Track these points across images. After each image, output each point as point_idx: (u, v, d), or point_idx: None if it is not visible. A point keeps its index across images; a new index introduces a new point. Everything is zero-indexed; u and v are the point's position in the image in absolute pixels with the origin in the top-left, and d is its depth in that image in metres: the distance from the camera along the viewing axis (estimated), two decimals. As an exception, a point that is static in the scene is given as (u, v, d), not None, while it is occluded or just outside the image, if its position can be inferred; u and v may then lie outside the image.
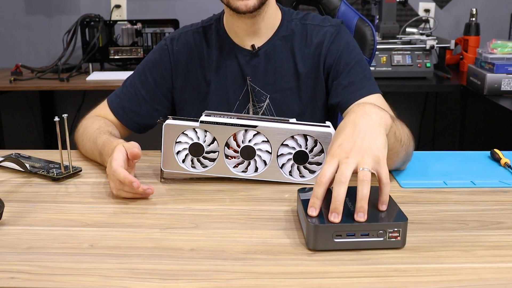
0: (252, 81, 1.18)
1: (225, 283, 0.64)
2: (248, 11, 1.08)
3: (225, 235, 0.76)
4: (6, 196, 0.91)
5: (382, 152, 0.76)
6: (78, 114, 2.75)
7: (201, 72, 1.20)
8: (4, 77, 2.51)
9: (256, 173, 0.95)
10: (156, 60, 1.21)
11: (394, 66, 2.37)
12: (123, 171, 0.86)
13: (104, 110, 1.21)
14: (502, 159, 1.06)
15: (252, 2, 1.08)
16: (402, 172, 1.01)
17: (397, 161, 0.96)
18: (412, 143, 0.98)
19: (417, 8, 2.79)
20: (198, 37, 1.21)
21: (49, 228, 0.79)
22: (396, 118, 0.92)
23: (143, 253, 0.71)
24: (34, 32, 2.87)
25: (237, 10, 1.09)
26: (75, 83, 2.43)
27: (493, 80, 2.04)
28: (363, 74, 1.15)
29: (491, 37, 2.30)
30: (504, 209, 0.85)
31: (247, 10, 1.08)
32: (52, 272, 0.66)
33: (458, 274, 0.65)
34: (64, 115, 0.95)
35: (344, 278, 0.64)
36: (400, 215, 0.73)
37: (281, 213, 0.83)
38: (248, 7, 1.08)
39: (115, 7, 2.81)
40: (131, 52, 2.63)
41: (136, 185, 0.86)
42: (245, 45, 1.18)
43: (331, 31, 1.17)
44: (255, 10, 1.09)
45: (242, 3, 1.07)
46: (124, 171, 0.87)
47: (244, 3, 1.07)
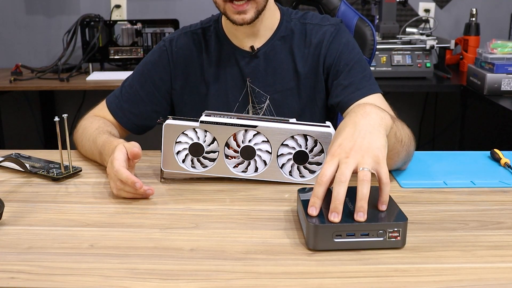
0: (252, 83, 1.18)
1: (225, 283, 0.64)
2: (245, 23, 1.08)
3: (225, 235, 0.76)
4: (6, 196, 0.91)
5: (382, 152, 0.76)
6: (78, 114, 2.75)
7: (200, 73, 1.20)
8: (4, 77, 2.51)
9: (256, 173, 0.95)
10: (155, 61, 1.21)
11: (394, 66, 2.37)
12: (125, 171, 0.86)
13: (103, 111, 1.21)
14: (502, 159, 1.06)
15: (249, 15, 1.07)
16: (402, 172, 1.01)
17: (398, 161, 0.96)
18: (413, 143, 0.98)
19: (417, 8, 2.79)
20: (197, 38, 1.20)
21: (49, 228, 0.79)
22: (397, 118, 0.91)
23: (143, 253, 0.71)
24: (34, 32, 2.88)
25: (234, 22, 1.09)
26: (75, 83, 2.43)
27: (493, 80, 2.04)
28: (363, 74, 1.14)
29: (491, 37, 2.30)
30: (504, 209, 0.85)
31: (244, 23, 1.08)
32: (52, 272, 0.66)
33: (458, 274, 0.65)
34: (64, 115, 0.95)
35: (344, 278, 0.64)
36: (400, 215, 0.73)
37: (281, 213, 0.83)
38: (245, 20, 1.08)
39: (115, 7, 2.81)
40: (131, 52, 2.63)
41: (138, 186, 0.86)
42: (244, 46, 1.18)
43: (330, 31, 1.17)
44: (252, 22, 1.09)
45: (239, 17, 1.07)
46: (126, 171, 0.87)
47: (241, 17, 1.07)
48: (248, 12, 1.07)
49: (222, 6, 1.08)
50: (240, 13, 1.07)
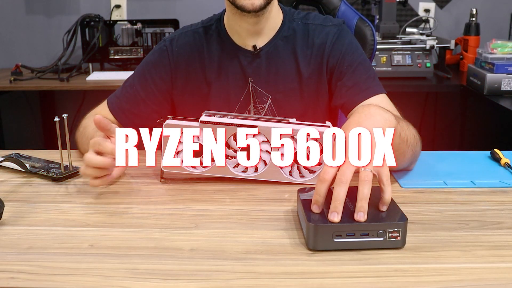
0: (254, 82, 1.18)
1: (225, 283, 0.64)
2: (254, 10, 1.07)
3: (225, 235, 0.76)
4: (6, 196, 0.91)
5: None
6: (78, 114, 2.74)
7: (202, 73, 1.19)
8: (4, 77, 2.51)
9: (256, 173, 0.95)
10: (156, 61, 1.20)
11: (394, 66, 2.37)
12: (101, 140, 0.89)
13: (104, 111, 1.21)
14: (502, 159, 1.06)
15: (259, 1, 1.07)
16: (402, 172, 1.01)
17: (403, 162, 0.96)
18: (419, 143, 0.98)
19: (417, 8, 2.79)
20: (198, 37, 1.20)
21: (49, 228, 0.79)
22: (402, 118, 0.91)
23: (143, 253, 0.71)
24: (34, 32, 2.88)
25: (243, 8, 1.07)
26: (75, 83, 2.43)
27: (493, 80, 2.04)
28: (367, 75, 1.14)
29: (491, 37, 2.30)
30: (504, 209, 0.85)
31: (253, 9, 1.07)
32: (52, 272, 0.66)
33: (458, 274, 0.65)
34: (64, 115, 0.95)
35: (344, 278, 0.64)
36: (400, 215, 0.73)
37: (281, 213, 0.83)
38: (255, 6, 1.07)
39: (115, 7, 2.81)
40: (131, 52, 2.63)
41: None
42: (246, 45, 1.17)
43: (333, 31, 1.17)
44: (260, 10, 1.09)
45: (249, 2, 1.06)
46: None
47: (251, 2, 1.06)
48: None
49: None
50: None
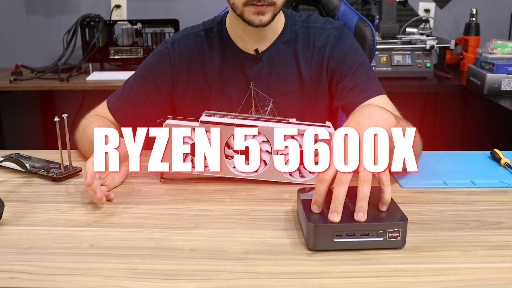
0: (255, 86, 1.17)
1: (225, 283, 0.64)
2: (262, 25, 1.08)
3: (225, 235, 0.76)
4: (6, 196, 0.91)
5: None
6: (78, 114, 2.73)
7: (203, 75, 1.19)
8: (4, 77, 2.51)
9: (256, 173, 0.95)
10: (157, 63, 1.20)
11: (394, 66, 2.37)
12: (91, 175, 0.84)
13: (104, 111, 1.21)
14: (502, 159, 1.06)
15: (267, 17, 1.07)
16: (402, 172, 1.01)
17: None
18: (420, 143, 0.98)
19: (417, 8, 2.79)
20: (200, 40, 1.20)
21: (49, 228, 0.79)
22: (402, 119, 0.91)
23: (143, 253, 0.71)
24: (34, 32, 2.88)
25: (251, 23, 1.08)
26: (75, 83, 2.43)
27: (493, 80, 2.04)
28: (367, 76, 1.14)
29: (491, 37, 2.30)
30: (504, 209, 0.85)
31: (261, 25, 1.08)
32: (52, 272, 0.66)
33: (458, 274, 0.65)
34: (64, 115, 0.95)
35: (344, 278, 0.64)
36: (400, 215, 0.73)
37: (281, 213, 0.83)
38: (263, 22, 1.07)
39: (115, 7, 2.81)
40: (131, 52, 2.63)
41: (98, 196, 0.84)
42: (248, 49, 1.17)
43: (333, 34, 1.17)
44: (267, 25, 1.09)
45: (257, 18, 1.07)
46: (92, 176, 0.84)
47: (259, 18, 1.07)
48: (266, 14, 1.07)
49: (241, 8, 1.07)
50: (259, 14, 1.06)
